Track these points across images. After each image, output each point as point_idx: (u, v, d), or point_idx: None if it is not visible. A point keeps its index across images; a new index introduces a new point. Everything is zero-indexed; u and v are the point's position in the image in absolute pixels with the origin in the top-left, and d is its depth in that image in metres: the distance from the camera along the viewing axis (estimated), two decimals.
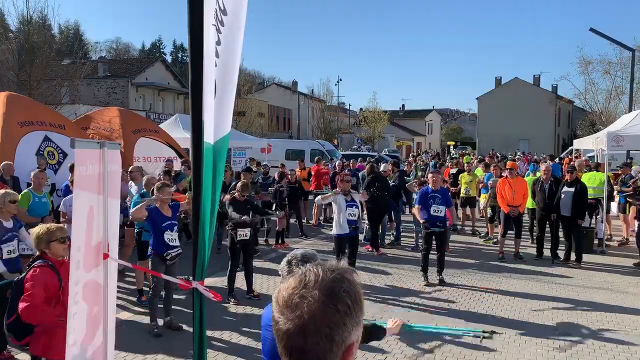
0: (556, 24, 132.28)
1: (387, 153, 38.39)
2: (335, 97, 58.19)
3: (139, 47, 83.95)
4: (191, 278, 2.69)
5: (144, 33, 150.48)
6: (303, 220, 13.71)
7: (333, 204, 8.47)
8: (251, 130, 37.43)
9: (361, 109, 64.15)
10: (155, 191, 6.71)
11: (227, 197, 8.23)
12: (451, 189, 13.12)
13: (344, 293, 1.16)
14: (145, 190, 7.87)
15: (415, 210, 9.30)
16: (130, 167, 9.74)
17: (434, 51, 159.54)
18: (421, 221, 8.85)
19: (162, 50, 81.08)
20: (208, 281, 8.78)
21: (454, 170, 15.17)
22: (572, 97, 49.20)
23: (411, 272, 9.36)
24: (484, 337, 3.87)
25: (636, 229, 10.45)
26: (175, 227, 6.64)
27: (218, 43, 2.51)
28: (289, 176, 12.90)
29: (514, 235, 10.57)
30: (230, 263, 7.82)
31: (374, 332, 3.09)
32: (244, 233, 7.76)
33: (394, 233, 12.36)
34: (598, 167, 13.15)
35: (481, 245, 12.04)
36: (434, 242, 8.78)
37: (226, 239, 8.49)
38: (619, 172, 13.01)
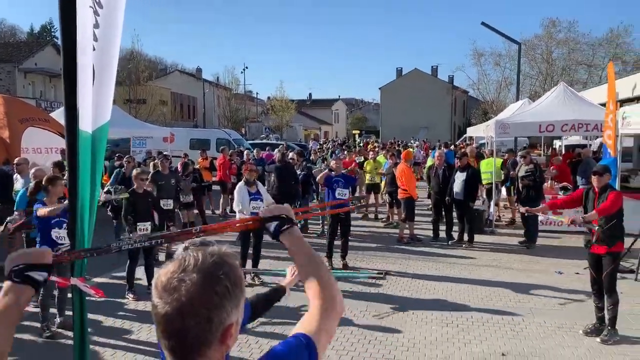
0: (452, 18, 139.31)
1: (297, 143, 38.57)
2: (242, 86, 57.43)
3: (27, 30, 77.46)
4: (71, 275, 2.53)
5: (33, 15, 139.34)
6: (208, 211, 13.45)
7: (236, 195, 8.36)
8: (152, 118, 35.96)
9: (269, 98, 63.86)
10: (47, 186, 6.25)
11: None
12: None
13: (223, 276, 1.19)
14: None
15: (319, 178, 9.49)
16: (17, 159, 9.03)
17: (339, 42, 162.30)
18: (322, 184, 9.22)
19: (53, 34, 75.31)
20: (105, 277, 8.41)
21: (360, 159, 15.68)
22: (467, 88, 52.33)
23: None
24: (378, 277, 4.02)
25: (522, 210, 11.31)
26: (64, 225, 6.23)
27: (96, 26, 2.36)
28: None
29: (412, 219, 11.06)
30: (128, 259, 7.50)
31: (273, 296, 3.01)
32: (144, 227, 7.46)
33: (302, 221, 12.49)
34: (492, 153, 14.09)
35: (383, 230, 12.50)
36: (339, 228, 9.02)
37: (124, 233, 8.12)
38: (506, 158, 14.01)
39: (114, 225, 10.44)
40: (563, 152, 18.63)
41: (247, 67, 56.02)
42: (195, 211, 11.81)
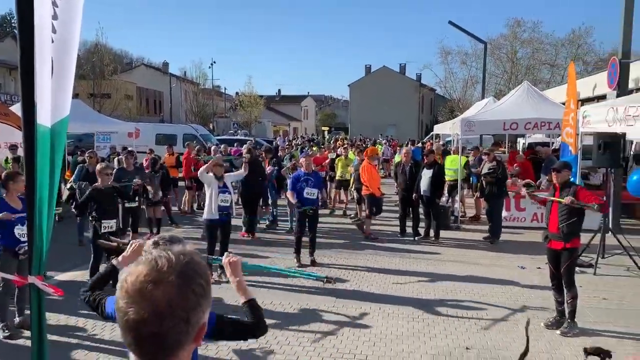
0: (420, 17, 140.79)
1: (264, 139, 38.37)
2: (210, 80, 56.74)
3: None
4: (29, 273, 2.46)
5: None
6: (174, 208, 13.28)
7: (206, 188, 8.28)
8: (117, 113, 35.20)
9: (237, 93, 63.23)
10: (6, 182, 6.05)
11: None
12: (331, 173, 13.72)
13: (197, 275, 1.19)
14: None
15: (288, 194, 9.42)
16: None
17: (308, 38, 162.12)
18: (294, 201, 9.05)
19: (13, 25, 72.74)
20: (68, 275, 8.20)
21: (333, 155, 15.75)
22: (434, 86, 53.14)
23: (285, 255, 9.50)
24: (326, 282, 4.05)
25: (486, 206, 11.54)
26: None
27: (54, 17, 2.28)
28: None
29: (379, 215, 11.17)
30: (92, 256, 7.31)
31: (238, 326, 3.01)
32: (109, 225, 7.29)
33: (270, 217, 12.46)
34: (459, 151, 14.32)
35: (351, 226, 12.56)
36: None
37: (89, 230, 7.93)
38: (470, 155, 14.26)
39: (77, 222, 10.20)
40: (526, 149, 19.06)
41: (215, 62, 55.39)
42: (162, 208, 11.63)
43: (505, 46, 40.44)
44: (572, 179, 6.51)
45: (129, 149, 14.44)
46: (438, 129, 23.71)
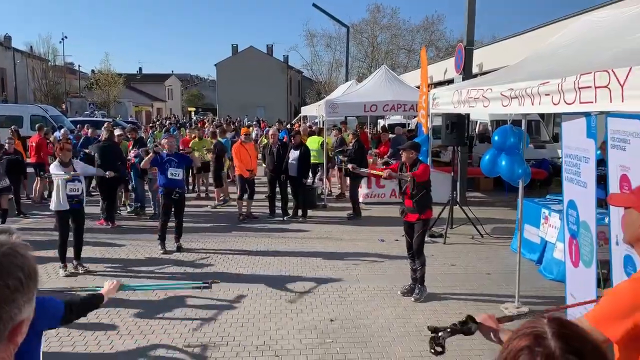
0: None
1: (124, 120, 36.17)
2: (61, 57, 51.82)
3: None
4: None
5: None
6: (23, 196, 12.08)
7: (53, 178, 7.59)
8: None
9: (93, 71, 58.57)
10: None
11: None
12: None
13: (15, 268, 1.09)
14: None
15: (144, 163, 8.98)
16: None
17: (172, 15, 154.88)
18: (147, 166, 8.85)
19: None
20: None
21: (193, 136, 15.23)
22: (301, 68, 53.96)
23: (149, 242, 9.11)
24: (204, 288, 4.03)
25: (349, 183, 12.05)
26: None
27: None
28: (7, 146, 11.26)
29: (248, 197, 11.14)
30: None
31: (91, 302, 2.92)
32: None
33: (131, 204, 11.85)
34: (320, 132, 14.71)
35: (219, 209, 12.40)
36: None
37: None
38: (332, 135, 14.76)
39: None
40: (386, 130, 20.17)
41: (66, 37, 50.52)
42: (10, 196, 10.51)
43: (366, 31, 42.23)
44: (420, 157, 7.02)
45: None
46: (305, 110, 24.19)
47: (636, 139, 3.87)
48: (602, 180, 4.78)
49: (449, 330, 2.09)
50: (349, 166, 8.75)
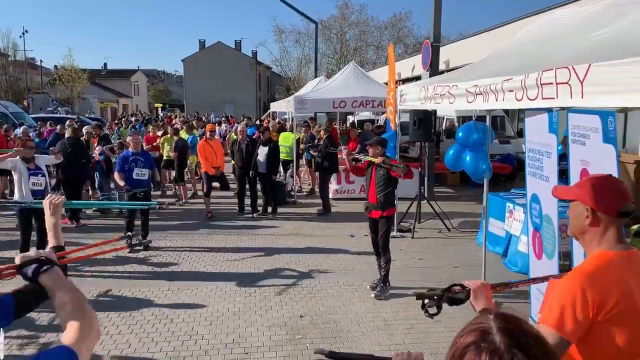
0: None
1: (89, 116, 35.31)
2: (22, 52, 50.23)
3: None
4: None
5: None
6: None
7: (14, 173, 7.36)
8: None
9: (56, 67, 56.95)
10: None
11: None
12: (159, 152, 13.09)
13: None
14: None
15: (116, 176, 8.83)
16: None
17: (138, 10, 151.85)
18: (121, 184, 8.55)
19: None
20: None
21: (160, 133, 14.99)
22: (270, 64, 53.61)
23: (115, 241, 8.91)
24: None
25: (318, 181, 12.06)
26: None
27: None
28: None
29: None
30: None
31: (42, 292, 2.65)
32: None
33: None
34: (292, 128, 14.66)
35: (186, 207, 12.25)
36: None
37: None
38: (302, 132, 14.74)
39: None
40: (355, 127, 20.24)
41: (27, 31, 49.07)
42: None
43: (335, 27, 42.24)
44: (388, 154, 7.07)
45: None
46: (274, 106, 24.06)
47: (595, 134, 3.99)
48: (564, 175, 4.91)
49: (435, 298, 2.10)
50: (344, 152, 8.12)
